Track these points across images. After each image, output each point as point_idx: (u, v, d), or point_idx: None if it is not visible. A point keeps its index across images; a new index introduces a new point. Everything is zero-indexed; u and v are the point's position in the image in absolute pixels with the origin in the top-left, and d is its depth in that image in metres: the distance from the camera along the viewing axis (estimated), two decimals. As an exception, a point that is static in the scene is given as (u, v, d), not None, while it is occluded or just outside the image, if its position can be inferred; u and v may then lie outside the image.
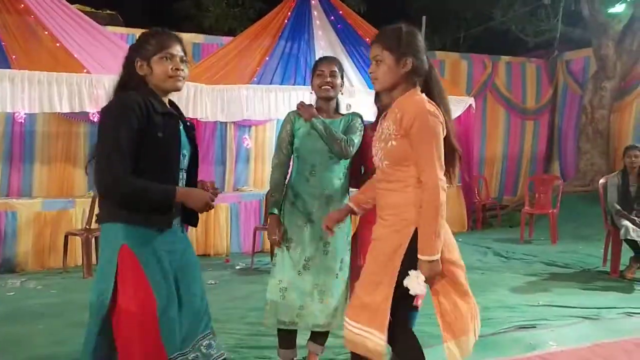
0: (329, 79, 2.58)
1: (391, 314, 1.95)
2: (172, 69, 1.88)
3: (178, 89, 1.92)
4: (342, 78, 2.66)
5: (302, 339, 2.75)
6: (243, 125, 7.09)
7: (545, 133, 9.52)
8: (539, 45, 9.87)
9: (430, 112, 1.91)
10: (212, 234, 6.13)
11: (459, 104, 7.35)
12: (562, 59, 9.42)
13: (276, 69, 6.46)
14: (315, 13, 6.98)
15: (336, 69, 2.62)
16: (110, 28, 6.83)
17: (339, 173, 2.61)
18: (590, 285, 4.57)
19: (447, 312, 2.00)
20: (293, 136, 2.64)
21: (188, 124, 2.01)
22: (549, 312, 3.78)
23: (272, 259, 5.72)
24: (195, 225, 2.11)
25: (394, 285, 1.94)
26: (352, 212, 2.36)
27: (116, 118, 1.77)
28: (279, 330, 2.63)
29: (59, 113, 5.63)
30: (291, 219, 2.59)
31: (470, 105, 7.57)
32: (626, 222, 4.73)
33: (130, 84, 1.90)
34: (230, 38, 7.32)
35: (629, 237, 4.68)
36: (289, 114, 2.69)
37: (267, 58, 6.48)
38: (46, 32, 5.42)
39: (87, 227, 5.18)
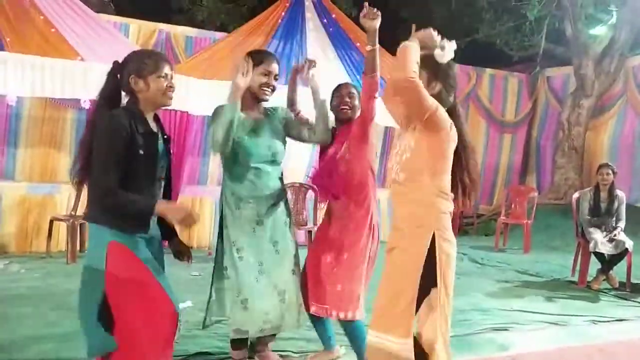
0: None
1: None
2: (167, 86, 2.07)
3: (169, 105, 2.12)
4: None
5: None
6: (231, 121, 7.13)
7: (522, 146, 9.78)
8: (523, 59, 10.14)
9: None
10: (196, 227, 6.19)
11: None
12: (543, 74, 9.71)
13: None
14: (309, 15, 7.09)
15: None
16: (103, 16, 6.82)
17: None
18: (559, 294, 4.80)
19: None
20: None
21: (165, 137, 2.19)
22: (520, 316, 3.98)
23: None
24: (170, 240, 2.27)
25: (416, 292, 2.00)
26: None
27: (109, 139, 1.96)
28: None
29: (48, 98, 5.62)
30: None
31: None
32: (596, 236, 4.99)
33: (117, 97, 2.08)
34: (223, 33, 7.37)
35: (597, 250, 4.94)
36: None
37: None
38: (41, 17, 5.42)
39: (73, 213, 5.20)
